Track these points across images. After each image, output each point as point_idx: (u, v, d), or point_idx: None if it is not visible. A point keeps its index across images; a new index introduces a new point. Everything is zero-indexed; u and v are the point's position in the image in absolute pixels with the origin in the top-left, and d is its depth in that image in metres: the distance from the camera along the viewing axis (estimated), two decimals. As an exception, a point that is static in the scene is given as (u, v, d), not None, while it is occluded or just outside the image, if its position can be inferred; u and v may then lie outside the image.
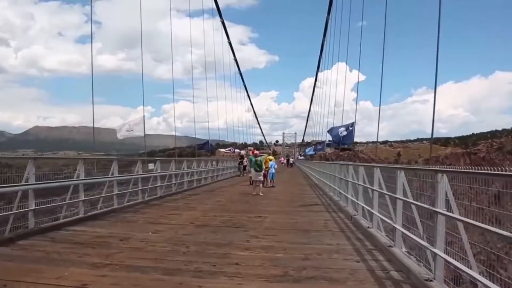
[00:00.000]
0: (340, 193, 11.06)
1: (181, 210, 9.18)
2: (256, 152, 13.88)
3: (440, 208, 3.66)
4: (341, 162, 11.00)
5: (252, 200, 11.64)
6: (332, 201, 11.55)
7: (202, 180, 17.83)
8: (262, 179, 13.45)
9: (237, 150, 34.17)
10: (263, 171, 13.61)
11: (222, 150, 43.11)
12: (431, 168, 4.51)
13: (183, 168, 14.75)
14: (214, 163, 20.35)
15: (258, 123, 71.62)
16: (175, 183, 13.54)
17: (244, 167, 23.11)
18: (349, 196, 9.24)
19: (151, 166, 11.11)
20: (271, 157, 18.09)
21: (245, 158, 22.61)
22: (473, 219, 3.20)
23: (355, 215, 8.01)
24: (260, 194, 13.23)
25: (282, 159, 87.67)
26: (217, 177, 21.07)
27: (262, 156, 13.67)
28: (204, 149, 21.20)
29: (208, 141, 21.16)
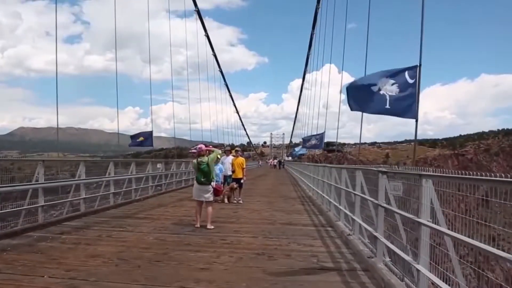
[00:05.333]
0: (362, 229, 4.91)
1: None
2: (201, 146, 7.39)
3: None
4: (383, 169, 4.66)
5: (177, 252, 5.29)
6: (353, 250, 5.31)
7: (133, 193, 11.38)
8: (210, 198, 7.08)
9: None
10: (214, 183, 7.22)
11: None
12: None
13: (79, 176, 8.29)
14: (160, 166, 13.83)
15: (243, 125, 67.34)
16: (44, 206, 7.07)
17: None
18: (420, 267, 3.03)
19: None
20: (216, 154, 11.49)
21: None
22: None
23: None
24: (209, 227, 6.92)
25: (271, 160, 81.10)
26: (166, 186, 14.59)
27: (211, 155, 7.24)
28: (143, 144, 14.71)
29: (150, 133, 14.60)
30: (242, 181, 11.39)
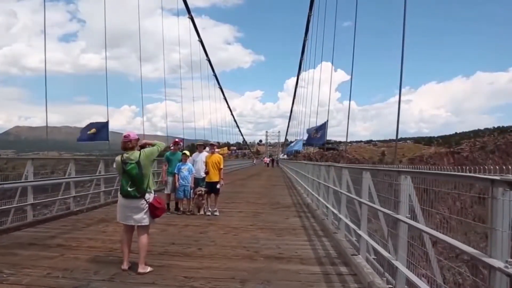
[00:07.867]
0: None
1: None
2: (129, 133, 4.57)
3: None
4: (506, 176, 1.91)
5: None
6: None
7: (71, 203, 8.51)
8: (145, 220, 4.24)
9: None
10: (150, 195, 4.35)
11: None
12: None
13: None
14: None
15: (236, 124, 65.58)
16: None
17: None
18: None
19: None
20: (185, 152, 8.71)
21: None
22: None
23: None
24: (141, 270, 4.07)
25: (266, 159, 79.07)
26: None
27: (148, 149, 4.38)
28: (95, 138, 11.64)
29: (105, 124, 11.58)
30: (218, 186, 8.54)
